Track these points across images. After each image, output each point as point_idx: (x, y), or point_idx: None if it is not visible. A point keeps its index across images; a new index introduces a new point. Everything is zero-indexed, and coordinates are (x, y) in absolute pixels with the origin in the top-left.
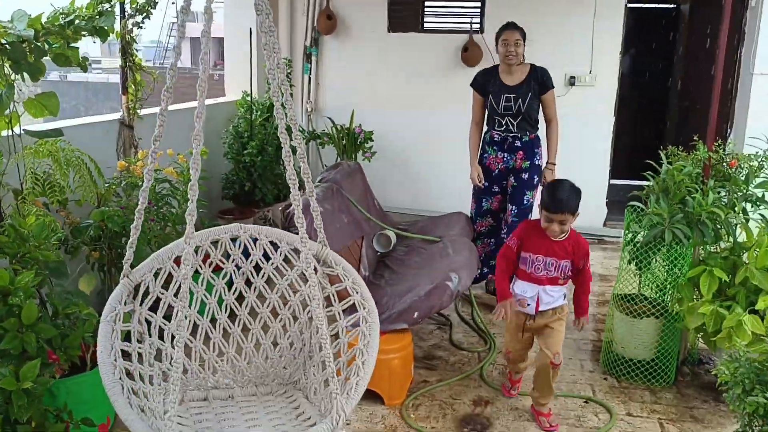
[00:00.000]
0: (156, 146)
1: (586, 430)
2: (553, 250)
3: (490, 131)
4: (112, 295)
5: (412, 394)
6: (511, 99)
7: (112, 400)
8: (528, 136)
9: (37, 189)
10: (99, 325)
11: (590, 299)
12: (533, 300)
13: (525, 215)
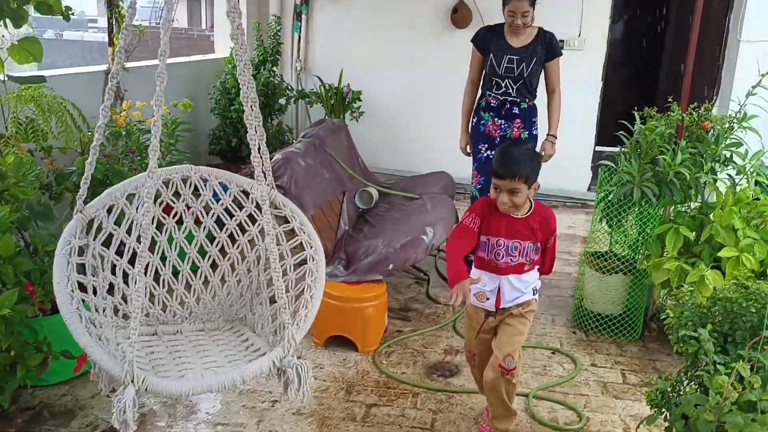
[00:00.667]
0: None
1: (551, 378)
2: (516, 229)
3: (485, 96)
4: (65, 229)
5: (386, 342)
6: (514, 61)
7: (71, 329)
8: (526, 103)
9: (19, 134)
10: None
11: (569, 259)
12: (493, 294)
13: None
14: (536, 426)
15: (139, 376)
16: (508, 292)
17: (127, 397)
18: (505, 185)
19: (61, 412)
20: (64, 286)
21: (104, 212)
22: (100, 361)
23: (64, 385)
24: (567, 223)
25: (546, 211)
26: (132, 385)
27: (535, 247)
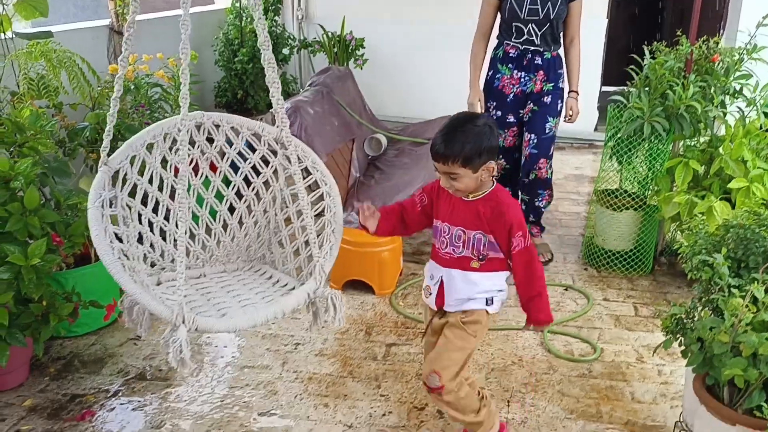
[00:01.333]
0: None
1: (565, 313)
2: (460, 214)
3: (502, 45)
4: (94, 182)
5: (401, 284)
6: (538, 1)
7: (116, 278)
8: (551, 53)
9: (32, 90)
10: (88, 212)
11: (578, 199)
12: (435, 288)
13: (547, 147)
14: (552, 358)
15: (189, 316)
16: (451, 290)
17: (181, 336)
18: (441, 168)
19: (91, 361)
20: (103, 238)
21: (128, 163)
22: (149, 306)
23: (91, 335)
24: (575, 163)
25: (501, 198)
26: (183, 326)
27: (486, 241)
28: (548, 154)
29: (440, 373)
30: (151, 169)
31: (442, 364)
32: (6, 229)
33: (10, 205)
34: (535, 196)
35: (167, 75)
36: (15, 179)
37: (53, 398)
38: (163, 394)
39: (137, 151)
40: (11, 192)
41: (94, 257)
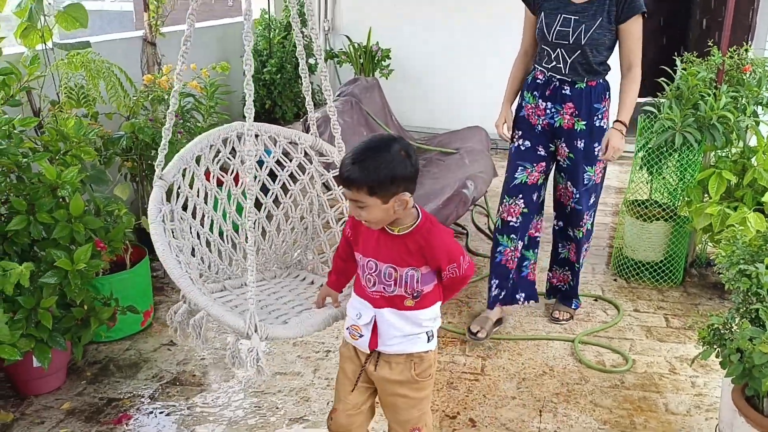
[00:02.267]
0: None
1: (595, 324)
2: (390, 249)
3: (534, 69)
4: (152, 197)
5: None
6: (570, 22)
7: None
8: (585, 82)
9: (72, 99)
10: (150, 227)
11: (605, 210)
12: (368, 329)
13: (587, 201)
14: (583, 369)
15: (261, 326)
16: (387, 330)
17: (256, 345)
18: (347, 194)
19: (126, 365)
20: (169, 252)
21: (180, 176)
22: (221, 317)
23: (126, 340)
24: None
25: (432, 232)
26: (256, 335)
27: (419, 276)
28: (589, 206)
29: (420, 428)
30: (198, 180)
31: (414, 420)
32: (53, 235)
33: (56, 212)
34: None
35: (200, 85)
36: (62, 187)
37: (90, 402)
38: (196, 398)
39: (188, 164)
40: (57, 200)
41: (130, 263)
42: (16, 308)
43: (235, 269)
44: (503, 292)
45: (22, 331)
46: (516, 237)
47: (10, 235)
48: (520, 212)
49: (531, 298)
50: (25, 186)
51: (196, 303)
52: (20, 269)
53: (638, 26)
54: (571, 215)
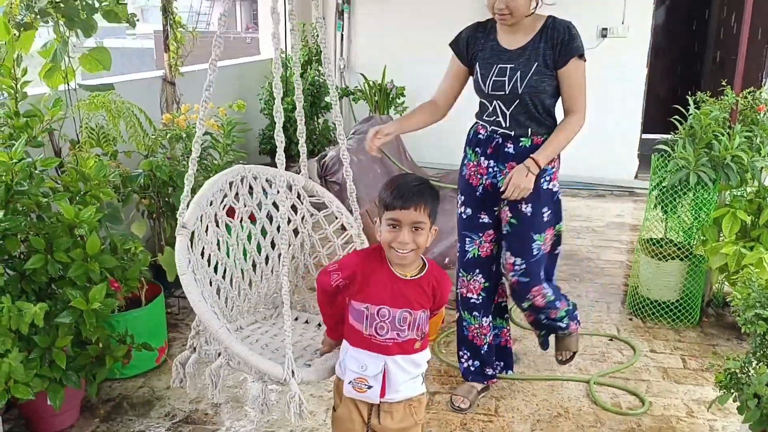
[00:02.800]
0: (208, 94)
1: (611, 364)
2: (405, 294)
3: (475, 123)
4: (177, 247)
5: (444, 332)
6: (506, 71)
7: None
8: (528, 138)
9: (92, 139)
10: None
11: (620, 247)
12: (377, 380)
13: (537, 272)
14: (599, 411)
15: (297, 371)
16: (397, 377)
17: (295, 390)
18: (408, 217)
19: (139, 403)
20: (205, 304)
21: (199, 223)
22: (258, 365)
23: (139, 377)
24: (615, 211)
25: (441, 272)
26: (294, 380)
27: (426, 317)
28: (540, 278)
29: None
30: (211, 226)
31: None
32: (69, 274)
33: (73, 252)
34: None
35: (217, 124)
36: (79, 226)
37: None
38: None
39: (204, 210)
40: (74, 239)
41: (145, 300)
42: (31, 347)
43: (235, 312)
44: (475, 364)
45: (36, 370)
46: (479, 314)
47: (29, 274)
48: (480, 288)
49: (509, 368)
50: (44, 225)
51: (235, 353)
52: (35, 309)
53: (578, 70)
54: (514, 289)
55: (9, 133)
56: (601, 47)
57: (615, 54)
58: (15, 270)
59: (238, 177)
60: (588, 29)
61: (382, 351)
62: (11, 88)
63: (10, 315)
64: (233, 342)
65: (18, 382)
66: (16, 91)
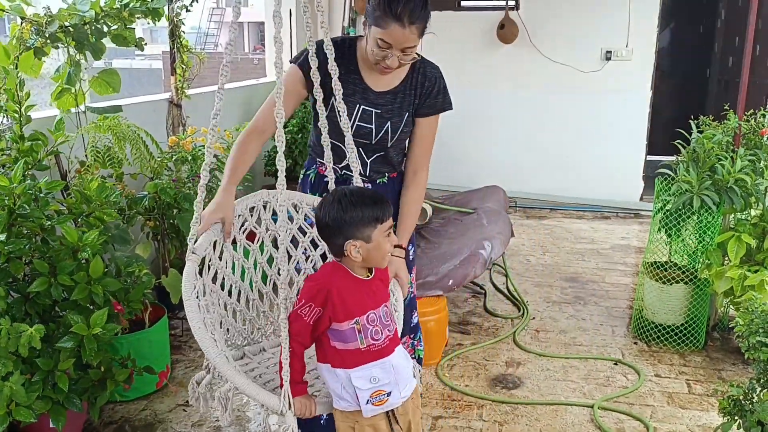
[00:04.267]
0: (216, 121)
1: (615, 389)
2: (375, 291)
3: (314, 165)
4: (185, 272)
5: (447, 355)
6: (372, 117)
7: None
8: (386, 176)
9: (98, 161)
10: (185, 305)
11: (625, 270)
12: (392, 384)
13: (410, 312)
14: None
15: (294, 403)
16: (403, 371)
17: (290, 423)
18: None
19: (141, 426)
20: (205, 331)
21: (211, 248)
22: (257, 396)
23: (142, 400)
24: (620, 233)
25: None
26: (290, 412)
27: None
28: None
29: None
30: (227, 251)
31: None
32: (72, 297)
33: (76, 275)
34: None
35: (222, 146)
36: (83, 250)
37: None
38: None
39: (218, 236)
40: (78, 262)
41: (148, 322)
42: (34, 369)
43: (257, 335)
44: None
45: (38, 392)
46: None
47: (32, 296)
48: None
49: None
50: (48, 248)
51: (233, 384)
52: (30, 331)
53: (437, 123)
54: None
55: (14, 156)
56: (605, 70)
57: (619, 76)
58: (19, 292)
59: (260, 203)
60: (592, 52)
61: (384, 354)
62: (15, 112)
63: (9, 337)
64: (230, 371)
65: (20, 404)
66: (20, 114)
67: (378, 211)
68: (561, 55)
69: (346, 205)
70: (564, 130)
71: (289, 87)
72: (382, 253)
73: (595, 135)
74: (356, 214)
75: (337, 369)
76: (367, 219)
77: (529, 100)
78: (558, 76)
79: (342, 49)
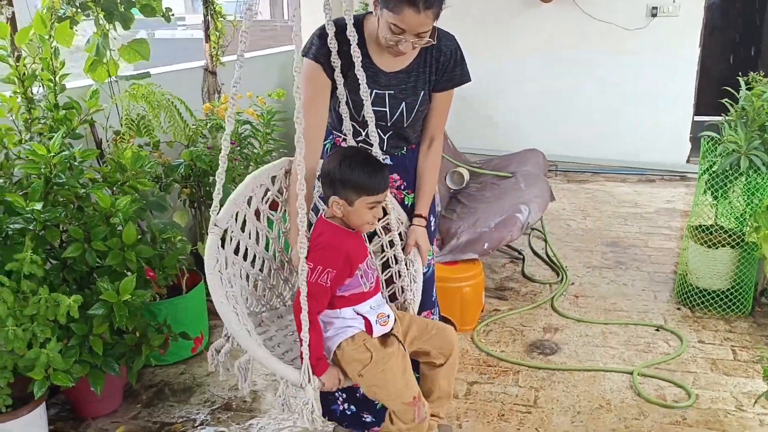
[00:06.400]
0: (235, 90)
1: (656, 355)
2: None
3: (331, 136)
4: (207, 246)
5: (483, 321)
6: (385, 99)
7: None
8: (405, 148)
9: (132, 130)
10: (207, 278)
11: (669, 234)
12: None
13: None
14: (642, 403)
15: (314, 377)
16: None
17: (309, 397)
18: (384, 195)
19: (180, 390)
20: (227, 304)
21: (233, 221)
22: (276, 369)
23: (181, 364)
24: (666, 197)
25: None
26: (310, 386)
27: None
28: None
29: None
30: (249, 222)
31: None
32: (106, 263)
33: (109, 241)
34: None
35: (256, 113)
36: (115, 216)
37: (144, 426)
38: (247, 425)
39: (240, 207)
40: (111, 228)
41: (185, 288)
42: (69, 335)
43: (275, 302)
44: (352, 408)
45: (75, 357)
46: None
47: (69, 263)
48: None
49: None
50: (83, 215)
51: (253, 356)
52: (69, 301)
53: (452, 95)
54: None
55: (49, 125)
56: (650, 27)
57: (665, 34)
58: (57, 259)
59: (281, 171)
60: (637, 8)
61: (376, 292)
62: (50, 81)
63: (47, 305)
64: (252, 344)
65: (57, 370)
66: (55, 83)
67: (369, 183)
68: (603, 13)
69: (343, 165)
70: (607, 91)
71: (318, 84)
72: (360, 221)
73: (639, 95)
74: (347, 177)
75: (342, 308)
76: (355, 185)
77: (570, 60)
78: (600, 35)
79: (343, 28)
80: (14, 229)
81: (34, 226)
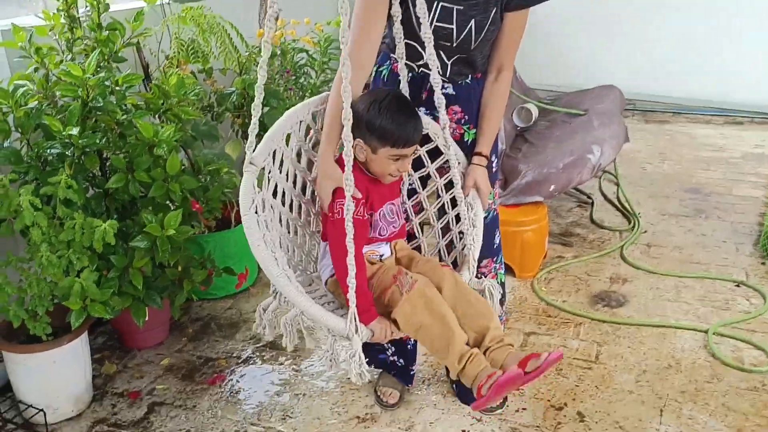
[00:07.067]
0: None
1: (735, 313)
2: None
3: (387, 61)
4: (242, 185)
5: (545, 268)
6: (453, 15)
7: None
8: (471, 77)
9: (182, 54)
10: (243, 220)
11: (757, 182)
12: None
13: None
14: (717, 365)
15: (361, 327)
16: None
17: (356, 348)
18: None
19: (226, 325)
20: (264, 248)
21: (270, 159)
22: (321, 319)
23: (228, 299)
24: (754, 141)
25: None
26: (357, 337)
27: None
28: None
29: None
30: (288, 162)
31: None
32: (149, 194)
33: (153, 172)
34: None
35: (313, 40)
36: (159, 146)
37: (188, 359)
38: (290, 365)
39: (278, 144)
40: (155, 158)
41: (234, 222)
42: (109, 266)
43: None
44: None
45: (113, 289)
46: None
47: (112, 192)
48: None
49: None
50: (124, 144)
51: (294, 303)
52: (104, 227)
53: (526, 18)
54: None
55: (92, 46)
56: None
57: None
58: (98, 187)
59: (323, 107)
60: None
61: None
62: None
63: (83, 231)
64: (292, 291)
65: (95, 300)
66: (98, 1)
67: (396, 133)
68: None
69: (372, 108)
70: (691, 24)
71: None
72: (381, 170)
73: (727, 29)
74: (374, 121)
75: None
76: (381, 133)
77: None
78: None
79: None
80: (52, 154)
81: (72, 152)
